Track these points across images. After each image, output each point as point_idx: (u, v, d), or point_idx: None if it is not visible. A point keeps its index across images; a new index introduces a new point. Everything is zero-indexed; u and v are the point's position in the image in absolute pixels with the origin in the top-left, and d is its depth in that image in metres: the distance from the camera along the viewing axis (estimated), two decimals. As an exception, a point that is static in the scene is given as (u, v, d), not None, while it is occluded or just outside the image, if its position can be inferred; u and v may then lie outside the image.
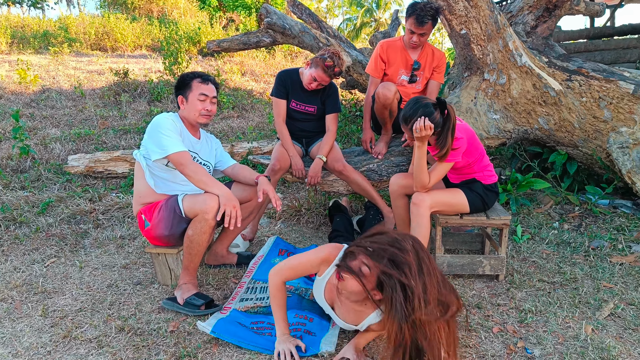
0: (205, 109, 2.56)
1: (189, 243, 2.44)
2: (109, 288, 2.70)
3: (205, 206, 2.36)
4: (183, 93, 2.58)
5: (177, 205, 2.47)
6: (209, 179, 2.40)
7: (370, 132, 3.60)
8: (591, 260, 2.88)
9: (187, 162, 2.39)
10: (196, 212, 2.39)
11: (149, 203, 2.59)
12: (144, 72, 9.29)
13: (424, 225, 2.46)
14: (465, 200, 2.60)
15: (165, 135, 2.40)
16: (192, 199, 2.44)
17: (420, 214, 2.47)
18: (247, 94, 8.71)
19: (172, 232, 2.52)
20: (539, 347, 2.07)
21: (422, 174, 2.48)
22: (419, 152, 2.45)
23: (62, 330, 2.27)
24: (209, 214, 2.35)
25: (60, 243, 3.37)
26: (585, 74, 3.52)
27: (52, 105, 7.36)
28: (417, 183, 2.52)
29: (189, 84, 2.56)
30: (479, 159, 2.60)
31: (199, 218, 2.39)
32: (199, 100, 2.54)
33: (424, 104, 2.38)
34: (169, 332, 2.24)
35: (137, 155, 2.59)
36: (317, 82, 3.18)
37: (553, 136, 3.66)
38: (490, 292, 2.58)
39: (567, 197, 3.70)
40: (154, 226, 2.53)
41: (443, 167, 2.50)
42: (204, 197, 2.39)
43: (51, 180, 4.73)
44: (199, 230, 2.40)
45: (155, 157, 2.42)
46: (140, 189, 2.60)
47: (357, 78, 6.12)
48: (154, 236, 2.57)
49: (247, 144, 5.40)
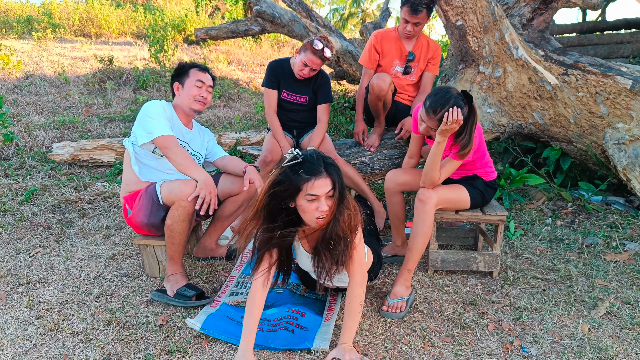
0: (201, 95, 2.55)
1: (169, 232, 2.38)
2: (96, 280, 2.62)
3: (180, 192, 2.31)
4: (179, 79, 2.56)
5: (155, 193, 2.42)
6: (191, 163, 2.37)
7: (363, 124, 3.54)
8: (585, 257, 2.87)
9: (172, 145, 2.35)
10: (173, 199, 2.34)
11: (133, 191, 2.52)
12: (129, 60, 9.09)
13: (428, 224, 2.40)
14: (468, 196, 2.55)
15: (152, 118, 2.38)
16: (169, 185, 2.39)
17: (426, 212, 2.40)
18: (234, 83, 8.58)
19: (152, 221, 2.46)
20: (535, 345, 2.05)
21: (435, 170, 2.38)
22: (437, 148, 2.31)
23: (48, 322, 2.19)
24: (184, 200, 2.31)
25: (45, 232, 3.27)
26: (582, 68, 3.50)
27: (36, 92, 7.17)
28: (426, 179, 2.42)
29: (187, 72, 2.56)
30: (483, 155, 2.56)
31: (175, 205, 2.34)
32: (195, 87, 2.53)
33: (455, 95, 2.25)
34: (158, 325, 2.17)
35: (126, 142, 2.54)
36: (309, 67, 3.11)
37: (547, 131, 3.64)
38: (484, 288, 2.56)
39: (559, 193, 3.69)
40: (134, 214, 2.48)
41: (453, 164, 2.42)
42: (179, 182, 2.35)
43: (35, 168, 4.61)
44: (176, 218, 2.34)
45: (142, 141, 2.39)
46: (127, 177, 2.54)
47: (346, 69, 6.05)
48: (136, 224, 2.52)
49: (235, 134, 5.31)
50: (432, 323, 2.21)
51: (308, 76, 3.18)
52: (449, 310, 2.33)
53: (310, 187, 1.69)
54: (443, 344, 2.06)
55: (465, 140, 2.29)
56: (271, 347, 2.00)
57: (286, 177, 1.70)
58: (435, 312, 2.31)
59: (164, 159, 2.44)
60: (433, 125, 2.31)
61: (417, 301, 2.41)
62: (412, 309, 2.34)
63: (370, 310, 2.33)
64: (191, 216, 2.37)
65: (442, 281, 2.63)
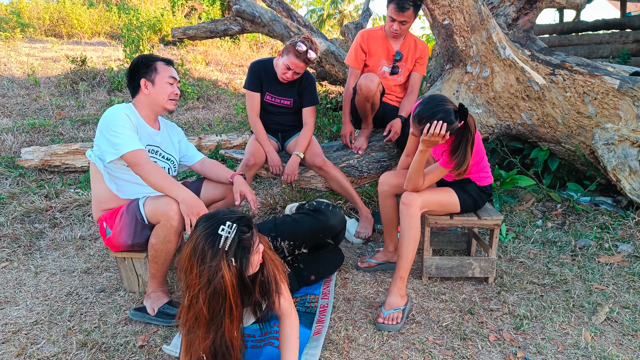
0: (175, 92, 2.35)
1: (153, 252, 2.18)
2: (69, 296, 2.44)
3: (167, 210, 2.10)
4: (147, 76, 2.28)
5: (139, 211, 2.20)
6: (168, 182, 2.13)
7: (350, 126, 3.42)
8: (579, 260, 2.81)
9: (143, 162, 2.11)
10: (158, 218, 2.14)
11: (110, 209, 2.32)
12: (103, 60, 8.81)
13: (415, 227, 2.31)
14: (457, 200, 2.46)
15: (117, 132, 2.12)
16: (154, 202, 2.17)
17: (411, 214, 2.31)
18: (212, 84, 8.39)
19: (136, 241, 2.26)
20: (539, 356, 1.96)
21: (418, 177, 2.29)
22: (419, 157, 2.21)
23: (15, 347, 2.01)
24: (173, 219, 2.10)
25: (12, 245, 3.06)
26: (569, 68, 3.45)
27: (3, 94, 6.87)
28: (409, 184, 2.34)
29: (153, 66, 2.29)
30: (479, 161, 2.46)
31: (161, 225, 2.13)
32: (168, 84, 2.31)
33: (446, 109, 2.10)
34: (138, 347, 2.01)
35: (91, 156, 2.29)
36: (292, 70, 2.96)
37: (536, 132, 3.59)
38: (481, 295, 2.47)
39: (548, 194, 3.64)
40: (115, 235, 2.26)
41: (440, 171, 2.32)
42: (166, 200, 2.12)
43: (2, 175, 4.36)
44: (162, 239, 2.14)
45: (109, 158, 2.15)
46: (100, 194, 2.32)
47: (329, 69, 5.93)
48: (117, 245, 2.30)
49: (215, 136, 5.14)
50: (430, 335, 2.11)
51: (291, 79, 3.03)
52: (447, 320, 2.22)
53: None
54: (444, 357, 1.95)
55: (461, 158, 2.18)
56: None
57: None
58: (433, 322, 2.20)
59: None
60: (416, 133, 2.21)
61: (413, 311, 2.30)
62: (408, 319, 2.23)
63: (365, 322, 2.22)
64: (178, 236, 2.17)
65: (438, 289, 2.53)
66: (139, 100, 2.32)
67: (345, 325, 2.18)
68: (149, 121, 2.37)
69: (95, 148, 2.27)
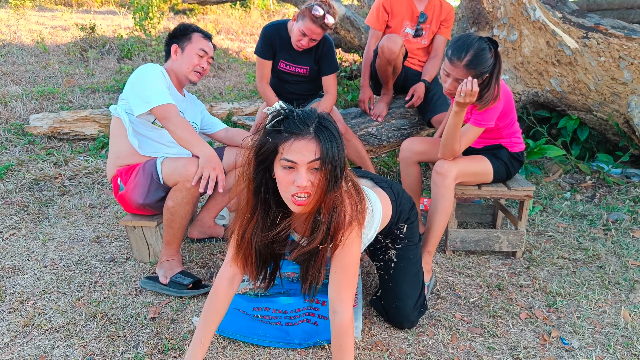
0: (201, 65, 2.29)
1: (169, 216, 2.09)
2: (77, 266, 2.35)
3: (186, 172, 2.02)
4: (179, 42, 2.28)
5: (155, 170, 2.11)
6: (194, 137, 2.05)
7: (369, 91, 3.24)
8: (612, 234, 2.65)
9: (172, 116, 2.04)
10: (176, 179, 2.05)
11: (127, 165, 2.23)
12: (113, 28, 8.63)
13: (449, 199, 2.16)
14: (491, 169, 2.30)
15: (150, 86, 2.07)
16: (172, 163, 2.08)
17: (446, 186, 2.15)
18: (223, 52, 8.19)
19: (148, 201, 2.18)
20: (575, 336, 1.83)
21: (454, 142, 2.12)
22: (454, 119, 2.05)
23: (22, 317, 1.92)
24: (191, 181, 2.02)
25: (21, 212, 2.97)
26: (604, 31, 3.22)
27: (13, 61, 6.75)
28: (445, 151, 2.17)
29: (189, 35, 2.28)
30: (510, 124, 2.29)
31: (179, 187, 2.05)
32: (197, 55, 2.26)
33: (478, 38, 1.98)
34: (149, 319, 1.92)
35: (116, 109, 2.22)
36: (307, 37, 2.71)
37: (565, 99, 3.39)
38: (509, 270, 2.33)
39: (577, 166, 3.46)
40: (128, 191, 2.18)
41: (474, 131, 2.15)
42: (185, 161, 2.05)
43: (11, 142, 4.26)
44: (180, 201, 2.06)
45: (139, 111, 2.08)
46: (119, 149, 2.23)
47: (344, 35, 5.71)
48: (128, 203, 2.22)
49: (227, 104, 4.99)
50: (457, 311, 1.98)
51: (307, 47, 2.79)
52: (474, 296, 2.10)
53: (287, 149, 1.24)
54: (473, 335, 1.83)
55: (489, 93, 2.03)
56: (295, 343, 1.74)
57: (265, 139, 1.29)
58: (460, 298, 2.08)
59: (164, 130, 2.16)
60: (460, 75, 2.00)
61: (438, 286, 2.18)
62: (433, 295, 2.11)
63: (387, 297, 2.10)
64: (196, 199, 2.10)
65: (462, 263, 2.40)
66: (168, 65, 2.31)
67: (366, 300, 2.07)
68: (177, 86, 2.35)
69: (123, 102, 2.20)
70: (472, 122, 2.15)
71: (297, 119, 1.25)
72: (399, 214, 1.81)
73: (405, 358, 1.70)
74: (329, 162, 1.24)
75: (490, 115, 2.10)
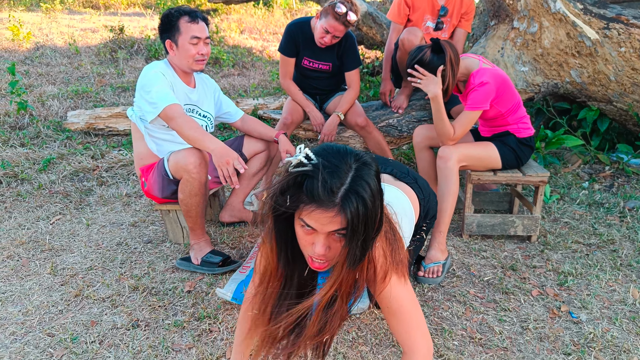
0: (200, 53, 2.22)
1: (184, 207, 2.23)
2: (119, 246, 2.54)
3: (186, 163, 2.10)
4: (171, 36, 2.21)
5: (164, 167, 2.25)
6: (199, 133, 2.07)
7: (390, 84, 3.37)
8: (627, 221, 2.72)
9: (177, 116, 2.08)
10: (180, 172, 2.16)
11: (148, 164, 2.41)
12: (140, 30, 8.93)
13: (453, 181, 2.28)
14: (497, 154, 2.41)
15: (152, 91, 2.11)
16: (175, 156, 2.18)
17: (449, 168, 2.29)
18: (247, 51, 8.40)
19: (166, 195, 2.34)
20: (584, 311, 1.93)
21: (444, 125, 2.33)
22: (433, 105, 2.32)
23: (73, 288, 2.12)
24: (192, 172, 2.10)
25: (64, 200, 3.19)
26: (625, 21, 3.27)
27: (47, 63, 7.07)
28: (441, 136, 2.36)
29: (176, 25, 2.18)
30: (514, 109, 2.39)
31: (184, 180, 2.15)
32: (191, 45, 2.19)
33: (413, 51, 2.32)
34: (186, 292, 2.09)
35: (132, 116, 2.35)
36: (331, 34, 2.82)
37: (585, 90, 3.44)
38: (524, 253, 2.43)
39: (596, 156, 3.51)
40: (150, 188, 2.37)
41: (467, 116, 2.31)
42: (184, 153, 2.12)
43: (51, 137, 4.52)
44: (188, 193, 2.17)
45: (150, 117, 2.15)
46: (140, 151, 2.40)
47: (366, 32, 5.83)
48: (152, 197, 2.40)
49: (252, 100, 5.16)
50: (472, 288, 2.10)
51: (330, 44, 2.91)
52: (488, 275, 2.21)
53: (306, 213, 1.01)
54: (485, 309, 1.95)
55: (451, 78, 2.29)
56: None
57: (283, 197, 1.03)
58: (475, 277, 2.19)
59: None
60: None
61: (454, 266, 2.30)
62: (449, 274, 2.23)
63: (406, 275, 2.23)
64: (203, 187, 2.20)
65: (478, 246, 2.50)
66: (170, 58, 2.29)
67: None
68: (184, 78, 2.33)
69: (136, 108, 2.30)
70: (466, 107, 2.33)
71: (321, 184, 0.98)
72: (427, 211, 1.69)
73: (422, 328, 1.83)
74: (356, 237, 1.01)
75: (481, 98, 2.27)
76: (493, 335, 1.80)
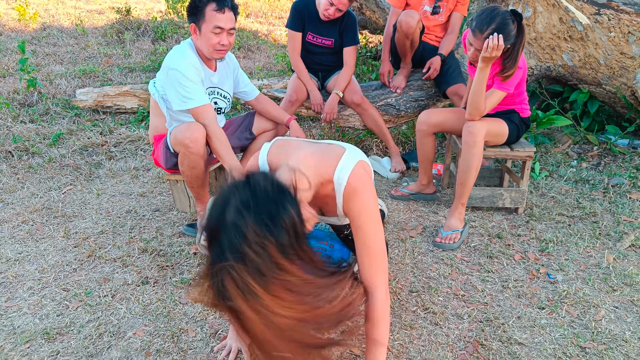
0: (221, 43, 2.19)
1: (186, 179, 2.32)
2: (128, 213, 2.70)
3: (182, 138, 2.14)
4: (196, 21, 2.20)
5: (166, 140, 2.36)
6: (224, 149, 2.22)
7: (389, 65, 3.50)
8: (610, 196, 2.86)
9: (208, 122, 2.19)
10: (178, 147, 2.21)
11: (161, 133, 2.55)
12: (146, 11, 9.02)
13: (479, 156, 2.35)
14: (507, 131, 2.53)
15: (187, 86, 2.16)
16: (175, 130, 2.23)
17: (477, 143, 2.34)
18: (253, 34, 8.49)
19: (169, 166, 2.47)
20: (561, 273, 2.09)
21: (480, 99, 2.30)
22: (479, 76, 2.22)
23: (85, 250, 2.28)
24: (189, 146, 2.15)
25: (74, 173, 3.35)
26: (615, 7, 3.38)
27: (54, 43, 7.19)
28: (472, 110, 2.35)
29: (202, 11, 2.15)
30: (522, 91, 2.53)
31: (182, 153, 2.20)
32: (214, 34, 2.16)
33: (502, 12, 2.15)
34: (192, 253, 2.25)
35: (155, 95, 2.41)
36: (335, 6, 2.98)
37: (576, 73, 3.57)
38: (510, 223, 2.58)
39: (586, 137, 3.64)
40: (157, 157, 2.52)
41: (497, 94, 2.35)
42: (182, 128, 2.18)
43: (60, 115, 4.66)
44: (187, 166, 2.23)
45: (177, 107, 2.22)
46: (157, 125, 2.53)
47: (369, 16, 5.93)
48: (161, 166, 2.54)
49: (257, 81, 5.29)
50: (459, 253, 2.26)
51: (334, 17, 3.07)
52: (475, 242, 2.36)
53: None
54: (470, 271, 2.10)
55: (511, 61, 2.22)
56: None
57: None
58: (462, 243, 2.35)
59: None
60: (480, 47, 2.20)
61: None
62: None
63: (397, 241, 2.38)
64: (202, 160, 2.24)
65: (468, 217, 2.65)
66: (194, 42, 2.30)
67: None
68: (206, 62, 2.34)
69: (160, 88, 2.35)
70: (496, 86, 2.35)
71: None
72: None
73: (409, 286, 1.99)
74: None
75: (512, 82, 2.31)
76: (475, 293, 1.96)
